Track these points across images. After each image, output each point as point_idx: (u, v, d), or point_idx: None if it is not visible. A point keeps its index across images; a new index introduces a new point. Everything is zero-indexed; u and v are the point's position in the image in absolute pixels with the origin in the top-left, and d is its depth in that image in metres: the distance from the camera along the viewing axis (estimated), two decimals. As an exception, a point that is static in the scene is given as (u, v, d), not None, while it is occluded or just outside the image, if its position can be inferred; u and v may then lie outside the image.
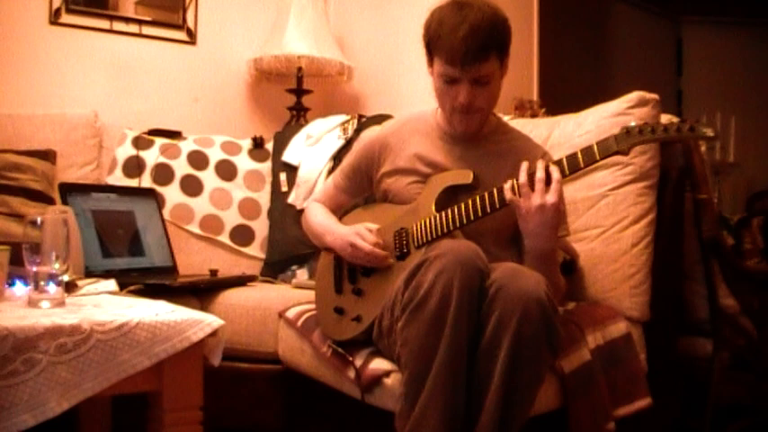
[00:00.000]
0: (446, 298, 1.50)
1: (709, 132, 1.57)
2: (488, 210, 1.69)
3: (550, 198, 1.60)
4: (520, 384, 1.49)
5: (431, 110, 1.95)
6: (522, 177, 1.63)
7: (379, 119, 2.72)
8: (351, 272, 1.89)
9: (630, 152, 1.62)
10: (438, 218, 1.74)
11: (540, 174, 1.62)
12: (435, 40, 1.73)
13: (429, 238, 1.75)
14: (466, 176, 1.78)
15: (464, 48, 1.68)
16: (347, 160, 2.07)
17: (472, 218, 1.70)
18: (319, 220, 2.02)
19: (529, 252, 1.68)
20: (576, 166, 1.63)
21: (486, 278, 1.56)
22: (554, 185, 1.60)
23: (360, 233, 1.84)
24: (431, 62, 1.79)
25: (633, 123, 1.61)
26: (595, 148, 1.61)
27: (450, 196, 1.78)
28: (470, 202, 1.71)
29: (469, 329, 1.52)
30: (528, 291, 1.50)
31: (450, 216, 1.73)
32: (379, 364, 1.71)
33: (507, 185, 1.65)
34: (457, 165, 1.84)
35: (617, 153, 1.61)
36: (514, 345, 1.47)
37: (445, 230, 1.73)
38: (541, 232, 1.63)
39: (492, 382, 1.48)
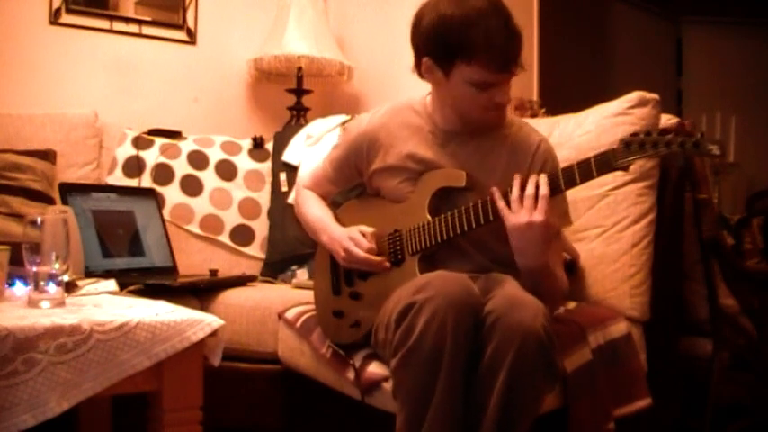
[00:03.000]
0: (440, 343, 1.46)
1: (715, 150, 1.42)
2: (482, 221, 1.64)
3: (537, 217, 1.54)
4: (514, 415, 1.46)
5: (419, 100, 1.86)
6: (515, 192, 1.57)
7: (379, 119, 2.72)
8: (347, 274, 1.87)
9: (630, 168, 1.54)
10: (432, 224, 1.70)
11: (529, 190, 1.56)
12: (469, 49, 1.60)
13: (424, 246, 1.71)
14: (459, 178, 1.72)
15: (510, 52, 1.61)
16: (336, 152, 1.97)
17: (466, 228, 1.66)
18: (315, 213, 1.96)
19: (519, 268, 1.64)
20: (572, 182, 1.56)
21: (480, 309, 1.52)
22: (540, 203, 1.54)
23: (354, 238, 1.79)
24: (447, 69, 1.66)
25: (632, 134, 1.50)
26: (593, 164, 1.53)
27: (442, 198, 1.74)
28: (464, 210, 1.66)
29: (465, 368, 1.49)
30: (525, 324, 1.46)
31: (443, 223, 1.68)
32: (376, 368, 1.71)
33: (500, 202, 1.59)
34: (449, 162, 1.77)
35: (616, 170, 1.52)
36: (510, 377, 1.45)
37: (439, 239, 1.69)
38: (530, 250, 1.59)
39: (487, 412, 1.47)
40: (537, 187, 1.56)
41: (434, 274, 1.59)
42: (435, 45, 1.66)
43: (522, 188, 1.57)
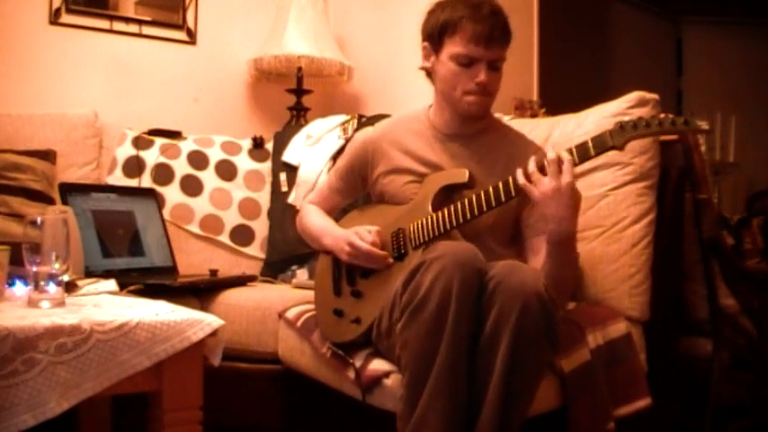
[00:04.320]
0: (445, 300, 1.49)
1: (704, 125, 1.54)
2: (484, 208, 1.68)
3: (565, 178, 1.59)
4: (520, 378, 1.49)
5: (423, 109, 1.94)
6: (531, 166, 1.62)
7: (379, 119, 2.71)
8: (349, 274, 1.88)
9: (626, 148, 1.60)
10: (435, 217, 1.73)
11: (551, 155, 1.60)
12: (453, 22, 1.74)
13: (427, 239, 1.74)
14: (461, 175, 1.77)
15: (490, 26, 1.73)
16: (341, 161, 2.06)
17: (468, 217, 1.69)
18: (316, 221, 2.02)
19: (551, 238, 1.66)
20: (571, 161, 1.61)
21: (485, 274, 1.55)
22: (566, 166, 1.59)
23: (359, 233, 1.83)
24: (438, 49, 1.79)
25: (627, 118, 1.59)
26: (590, 143, 1.60)
27: (446, 196, 1.78)
28: (466, 201, 1.70)
29: (469, 329, 1.52)
30: (527, 284, 1.50)
31: (446, 215, 1.72)
32: (378, 365, 1.71)
33: (521, 178, 1.63)
34: (452, 163, 1.83)
35: (612, 149, 1.59)
36: (514, 339, 1.47)
37: (442, 230, 1.72)
38: (563, 214, 1.61)
39: (492, 376, 1.48)
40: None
41: (443, 241, 1.63)
42: (429, 27, 1.81)
43: (539, 164, 1.62)
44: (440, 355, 1.49)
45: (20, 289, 1.71)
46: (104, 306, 1.64)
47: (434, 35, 1.79)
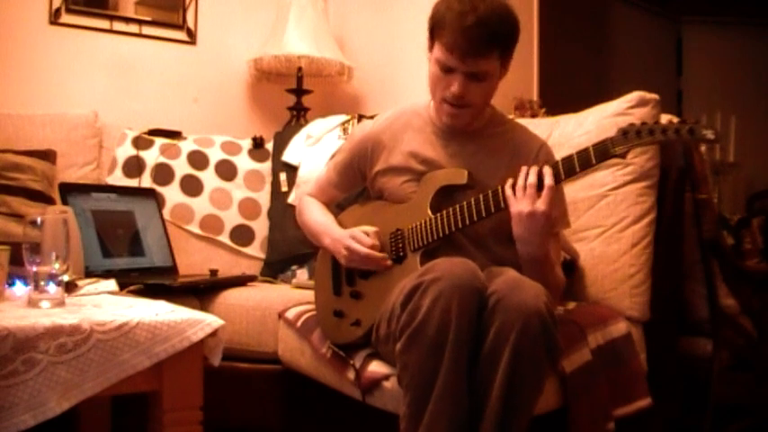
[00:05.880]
0: (445, 324, 1.47)
1: (710, 135, 1.49)
2: (483, 214, 1.65)
3: (540, 206, 1.56)
4: (519, 395, 1.48)
5: (423, 103, 1.89)
6: (520, 181, 1.60)
7: (379, 119, 2.72)
8: (348, 274, 1.87)
9: (628, 155, 1.57)
10: (434, 220, 1.71)
11: (531, 179, 1.58)
12: (439, 25, 1.68)
13: (425, 242, 1.72)
14: (461, 176, 1.73)
15: (467, 39, 1.63)
16: (340, 156, 2.02)
17: (467, 222, 1.67)
18: (316, 218, 1.98)
19: (520, 256, 1.66)
20: (572, 170, 1.58)
21: (484, 292, 1.53)
22: (545, 192, 1.57)
23: (356, 237, 1.81)
24: (431, 46, 1.73)
25: (630, 124, 1.54)
26: (591, 151, 1.56)
27: (445, 196, 1.75)
28: (465, 205, 1.67)
29: (469, 350, 1.50)
30: (527, 303, 1.48)
31: (445, 218, 1.70)
32: (377, 368, 1.71)
33: (508, 189, 1.61)
34: (451, 162, 1.79)
35: (614, 157, 1.55)
36: (513, 357, 1.46)
37: (441, 234, 1.70)
38: (531, 239, 1.60)
39: (491, 394, 1.48)
40: (540, 177, 1.58)
41: (440, 259, 1.60)
42: (429, 20, 1.75)
43: (525, 178, 1.59)
44: (440, 378, 1.47)
45: (20, 289, 1.72)
46: (104, 306, 1.64)
47: (430, 31, 1.73)
